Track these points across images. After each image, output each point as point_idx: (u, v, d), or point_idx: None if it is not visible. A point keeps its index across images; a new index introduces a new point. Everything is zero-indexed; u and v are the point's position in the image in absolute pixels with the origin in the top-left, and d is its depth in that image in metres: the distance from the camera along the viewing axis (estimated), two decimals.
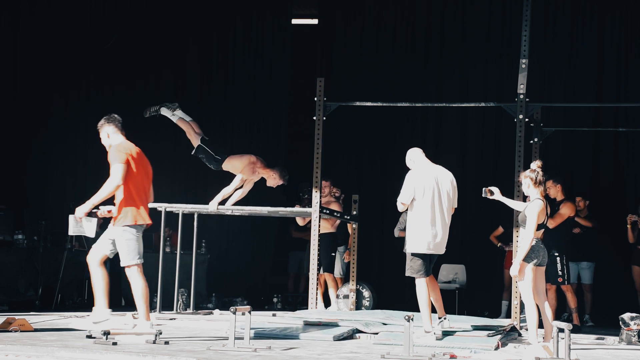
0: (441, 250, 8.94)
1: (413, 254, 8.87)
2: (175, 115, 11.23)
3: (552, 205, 11.29)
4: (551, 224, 10.97)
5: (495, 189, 9.02)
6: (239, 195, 11.32)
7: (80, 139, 15.17)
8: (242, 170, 11.13)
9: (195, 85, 14.79)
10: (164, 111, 11.21)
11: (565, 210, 11.12)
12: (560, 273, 10.97)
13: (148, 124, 14.98)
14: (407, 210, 8.97)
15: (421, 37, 14.46)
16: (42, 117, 14.99)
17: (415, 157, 9.12)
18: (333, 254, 12.19)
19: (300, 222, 12.50)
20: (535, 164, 8.76)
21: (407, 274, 8.93)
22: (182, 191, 14.24)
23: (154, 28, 15.01)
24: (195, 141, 11.17)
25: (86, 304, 13.28)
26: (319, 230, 10.84)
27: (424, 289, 8.83)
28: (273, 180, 11.22)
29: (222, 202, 11.35)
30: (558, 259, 10.97)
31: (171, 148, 15.01)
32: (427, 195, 8.80)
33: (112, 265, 14.12)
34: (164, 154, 14.95)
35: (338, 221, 12.24)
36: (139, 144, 14.74)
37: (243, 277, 14.63)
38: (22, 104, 15.02)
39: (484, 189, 9.04)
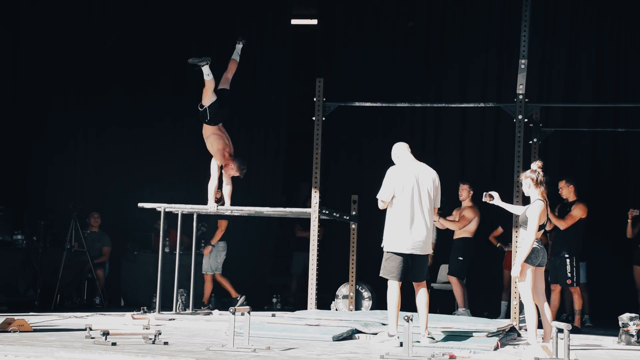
0: (424, 250, 8.66)
1: (389, 253, 8.68)
2: (209, 76, 11.13)
3: (564, 206, 11.30)
4: (562, 225, 10.97)
5: (495, 194, 9.02)
6: (228, 190, 11.30)
7: (79, 139, 15.18)
8: (215, 153, 11.11)
9: (194, 86, 14.77)
10: (206, 69, 11.01)
11: (577, 212, 11.08)
12: (569, 275, 10.92)
13: (147, 124, 15.05)
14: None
15: (421, 37, 14.46)
16: (42, 118, 15.01)
17: (400, 152, 8.90)
18: (460, 258, 12.01)
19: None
20: (536, 165, 8.76)
21: (381, 274, 8.73)
22: (181, 192, 14.21)
23: (153, 29, 15.00)
24: (211, 99, 11.10)
25: (85, 305, 13.30)
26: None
27: (394, 292, 8.60)
28: (231, 170, 11.21)
29: (221, 202, 11.35)
30: (568, 260, 10.93)
31: (170, 148, 15.01)
32: (406, 193, 8.59)
33: (112, 265, 14.18)
34: (164, 154, 14.96)
35: (473, 227, 12.06)
36: (139, 144, 14.91)
37: (242, 278, 14.61)
38: (22, 105, 15.05)
39: (484, 193, 9.03)
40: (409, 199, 8.60)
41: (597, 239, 12.62)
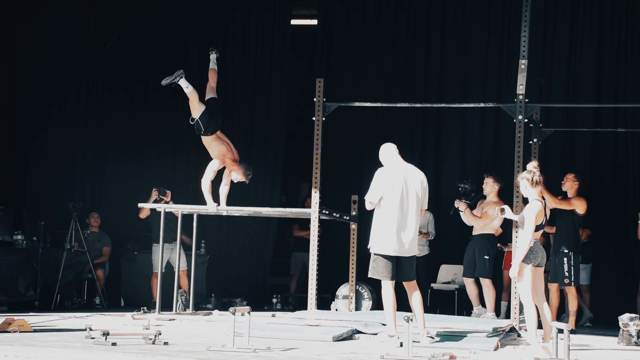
0: (411, 251, 8.65)
1: (376, 255, 8.67)
2: (188, 88, 11.11)
3: (563, 200, 11.26)
4: (555, 203, 10.72)
5: (506, 207, 9.06)
6: (226, 191, 11.26)
7: (79, 139, 15.17)
8: (217, 157, 11.10)
9: (194, 86, 14.77)
10: (183, 82, 11.00)
11: (577, 203, 10.97)
12: (567, 274, 10.87)
13: (148, 124, 15.05)
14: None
15: (421, 37, 14.46)
16: (41, 118, 15.00)
17: (388, 153, 8.89)
18: (486, 257, 11.56)
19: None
20: (532, 165, 8.76)
21: (370, 274, 8.74)
22: (181, 191, 14.22)
23: (153, 28, 15.00)
24: (199, 109, 11.07)
25: (85, 305, 13.30)
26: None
27: (389, 292, 8.58)
28: (236, 174, 11.17)
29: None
30: (565, 258, 10.86)
31: (170, 148, 15.01)
32: (394, 195, 8.58)
33: (112, 265, 14.17)
34: (163, 154, 14.96)
35: (497, 223, 11.59)
36: (138, 144, 14.91)
37: (242, 278, 14.63)
38: (21, 105, 15.05)
39: (497, 207, 9.09)
40: (398, 200, 8.58)
41: (596, 239, 12.60)
